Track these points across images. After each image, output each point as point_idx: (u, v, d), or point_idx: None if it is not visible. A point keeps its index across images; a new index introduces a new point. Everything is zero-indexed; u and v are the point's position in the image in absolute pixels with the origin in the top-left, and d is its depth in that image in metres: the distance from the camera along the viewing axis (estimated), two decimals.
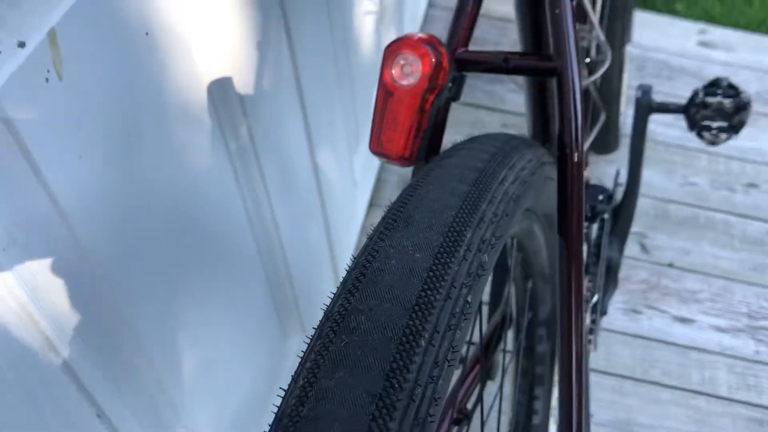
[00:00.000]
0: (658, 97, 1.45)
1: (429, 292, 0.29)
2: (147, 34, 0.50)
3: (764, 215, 1.30)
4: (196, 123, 0.60)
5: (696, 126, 0.72)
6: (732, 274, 1.22)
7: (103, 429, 0.50)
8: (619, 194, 0.80)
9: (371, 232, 0.33)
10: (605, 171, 1.30)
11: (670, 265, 1.22)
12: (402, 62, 0.39)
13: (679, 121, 1.45)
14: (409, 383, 0.26)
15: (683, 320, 1.15)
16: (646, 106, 0.73)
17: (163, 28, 0.52)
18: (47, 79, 0.41)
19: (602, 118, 0.75)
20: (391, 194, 1.29)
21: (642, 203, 1.31)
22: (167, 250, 0.57)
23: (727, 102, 0.70)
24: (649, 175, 1.35)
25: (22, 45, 0.39)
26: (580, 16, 0.72)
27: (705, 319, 1.16)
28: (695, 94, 0.72)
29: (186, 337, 0.62)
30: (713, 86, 0.71)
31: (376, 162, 1.27)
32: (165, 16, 0.52)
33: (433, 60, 0.39)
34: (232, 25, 0.63)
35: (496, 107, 1.41)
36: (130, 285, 0.51)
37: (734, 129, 0.71)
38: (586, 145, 0.74)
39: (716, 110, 0.71)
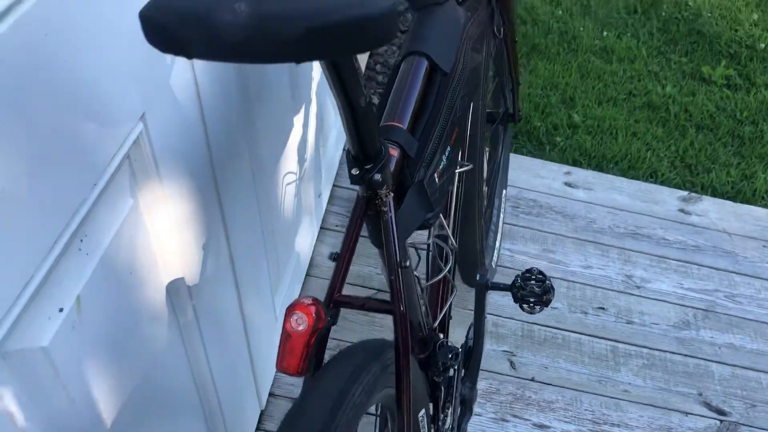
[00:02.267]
0: (526, 233, 1.77)
1: None
2: (131, 273, 0.75)
3: (609, 335, 1.62)
4: (158, 312, 0.84)
5: (518, 300, 1.01)
6: (581, 386, 1.51)
7: None
8: (470, 344, 1.08)
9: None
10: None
11: (532, 380, 1.51)
12: (296, 317, 0.66)
13: (546, 253, 1.78)
14: None
15: (541, 426, 1.43)
16: (483, 285, 1.02)
17: (142, 266, 0.77)
18: (73, 327, 0.65)
19: (455, 292, 1.04)
20: None
21: (512, 325, 1.60)
22: (132, 394, 0.80)
23: (537, 287, 0.99)
24: None
25: (61, 310, 0.63)
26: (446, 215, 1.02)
27: (558, 425, 1.44)
28: (516, 278, 1.01)
29: None
30: (528, 273, 1.01)
31: (294, 297, 1.53)
32: (142, 254, 0.78)
33: (314, 316, 0.66)
34: (185, 239, 0.89)
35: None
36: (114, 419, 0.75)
37: (545, 303, 1.01)
38: (437, 321, 1.02)
39: (530, 291, 1.00)
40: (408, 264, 0.72)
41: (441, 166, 0.81)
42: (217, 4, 0.44)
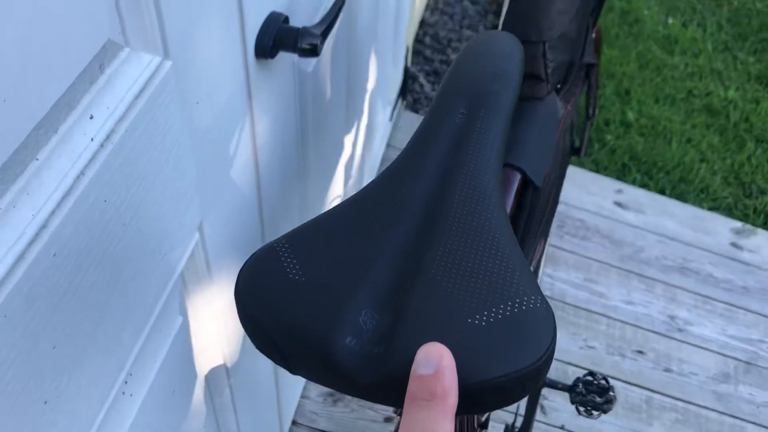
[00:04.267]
0: (570, 258, 1.69)
1: None
2: (174, 392, 0.68)
3: (645, 383, 1.56)
4: (195, 405, 0.78)
5: (576, 403, 0.94)
6: None
7: None
8: None
9: None
10: None
11: (562, 428, 1.46)
12: None
13: (588, 283, 1.70)
14: None
15: None
16: (540, 383, 0.95)
17: (186, 380, 0.70)
18: None
19: None
20: None
21: None
22: None
23: (598, 397, 0.92)
24: (558, 337, 1.58)
25: None
26: None
27: None
28: (576, 381, 0.94)
29: None
30: (591, 376, 0.94)
31: None
32: (187, 368, 0.70)
33: None
34: (230, 327, 0.81)
35: None
36: None
37: (603, 411, 0.94)
38: None
39: (590, 400, 0.93)
40: None
41: None
42: (337, 321, 0.34)
